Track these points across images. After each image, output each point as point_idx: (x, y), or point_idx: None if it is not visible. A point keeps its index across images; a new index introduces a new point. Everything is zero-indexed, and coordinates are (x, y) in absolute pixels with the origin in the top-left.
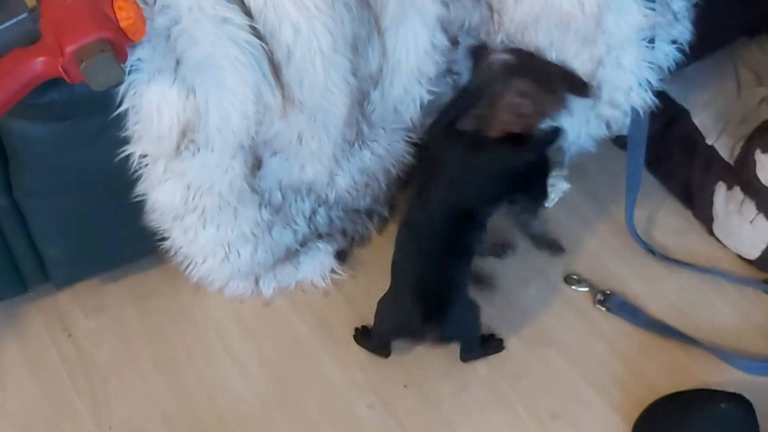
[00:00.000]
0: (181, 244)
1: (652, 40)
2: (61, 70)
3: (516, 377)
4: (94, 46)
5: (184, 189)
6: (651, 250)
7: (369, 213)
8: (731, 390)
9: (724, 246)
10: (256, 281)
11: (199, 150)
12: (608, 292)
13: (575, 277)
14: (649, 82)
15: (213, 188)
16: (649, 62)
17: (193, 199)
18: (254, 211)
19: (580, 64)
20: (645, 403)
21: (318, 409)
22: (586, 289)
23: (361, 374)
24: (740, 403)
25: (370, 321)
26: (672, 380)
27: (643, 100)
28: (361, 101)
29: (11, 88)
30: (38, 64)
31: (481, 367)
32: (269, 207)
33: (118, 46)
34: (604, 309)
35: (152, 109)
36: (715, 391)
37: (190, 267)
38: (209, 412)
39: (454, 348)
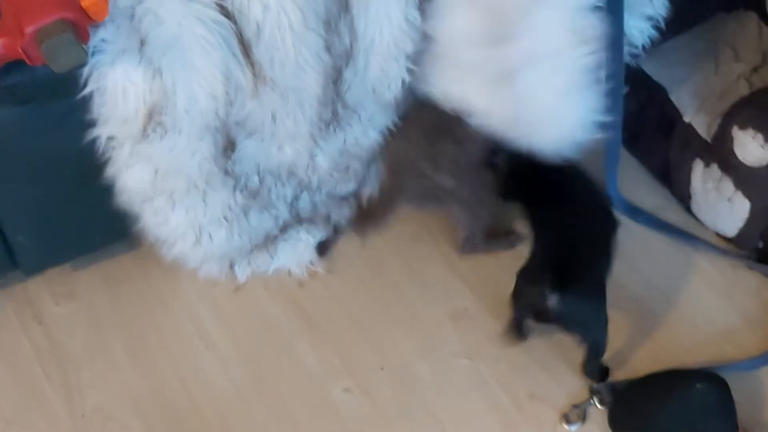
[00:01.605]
0: (152, 227)
1: None
2: (21, 51)
3: (495, 359)
4: (54, 27)
5: (152, 173)
6: (635, 211)
7: (356, 198)
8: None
9: (702, 224)
10: (231, 266)
11: (166, 133)
12: None
13: None
14: None
15: (181, 171)
16: None
17: (162, 181)
18: (227, 194)
19: None
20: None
21: (294, 394)
22: None
23: (338, 359)
24: (716, 382)
25: (348, 307)
26: (650, 360)
27: None
28: (335, 80)
29: None
30: None
31: (459, 348)
32: (245, 191)
33: (79, 26)
34: None
35: (117, 91)
36: (691, 370)
37: (162, 248)
38: (183, 400)
39: (431, 332)
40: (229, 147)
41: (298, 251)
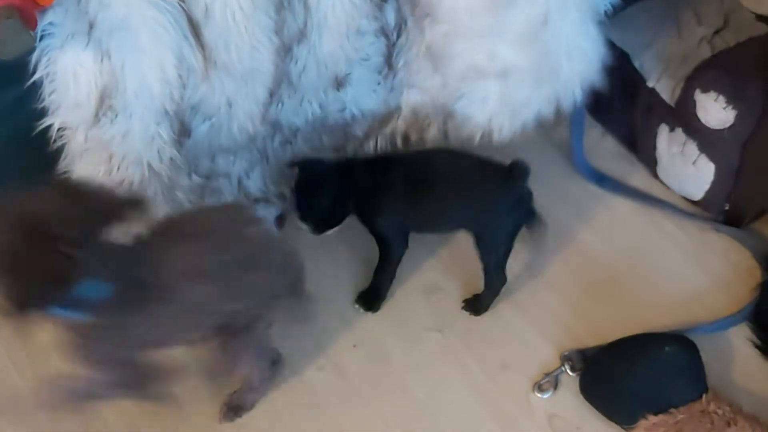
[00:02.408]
0: None
1: None
2: None
3: (466, 331)
4: (0, 13)
5: (107, 160)
6: (602, 178)
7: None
8: (677, 332)
9: (669, 188)
10: None
11: (117, 116)
12: None
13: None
14: None
15: (140, 159)
16: None
17: (118, 170)
18: (186, 178)
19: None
20: None
21: None
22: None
23: (309, 338)
24: (685, 345)
25: (316, 280)
26: (620, 325)
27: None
28: (286, 59)
29: None
30: None
31: (430, 322)
32: (198, 173)
33: (25, 12)
34: None
35: (68, 75)
36: (660, 334)
37: None
38: None
39: (402, 307)
40: (184, 133)
41: None
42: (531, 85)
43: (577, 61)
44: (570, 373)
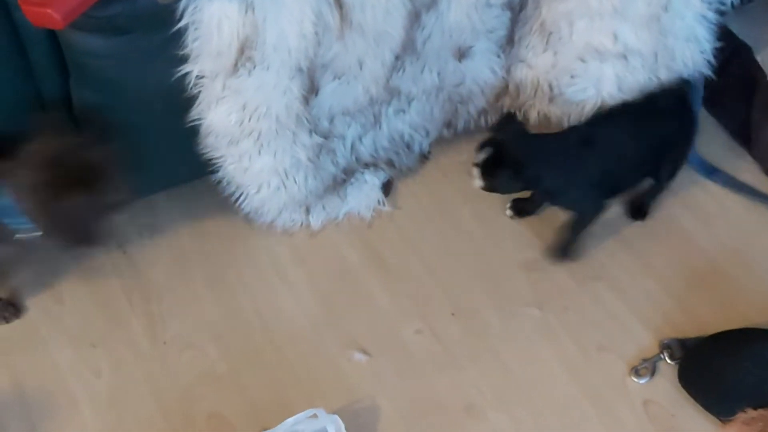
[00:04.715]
0: (234, 174)
1: None
2: None
3: (564, 309)
4: None
5: (240, 109)
6: (712, 171)
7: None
8: None
9: None
10: (307, 211)
11: (255, 67)
12: None
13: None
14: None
15: (270, 111)
16: None
17: (249, 121)
18: (307, 136)
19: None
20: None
21: (366, 332)
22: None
23: (410, 301)
24: None
25: (420, 248)
26: (721, 318)
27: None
28: (414, 25)
29: None
30: None
31: (529, 298)
32: (318, 133)
33: None
34: None
35: (212, 24)
36: (762, 330)
37: (242, 198)
38: (260, 332)
39: (503, 282)
40: (312, 90)
41: (365, 193)
42: (648, 69)
43: (694, 49)
44: (669, 361)
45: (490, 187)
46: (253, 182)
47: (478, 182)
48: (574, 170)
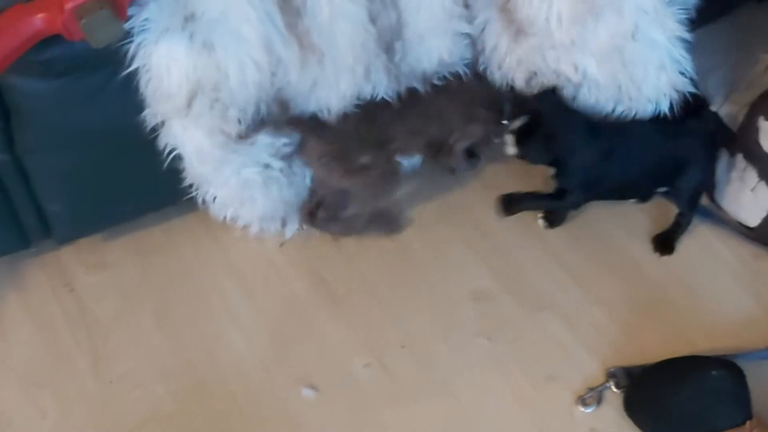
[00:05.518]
0: (215, 187)
1: None
2: (61, 26)
3: (513, 339)
4: (93, 4)
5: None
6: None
7: None
8: (724, 357)
9: (726, 213)
10: (283, 223)
11: (228, 109)
12: None
13: None
14: None
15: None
16: None
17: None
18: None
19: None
20: None
21: (315, 367)
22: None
23: (360, 334)
24: (731, 370)
25: (370, 284)
26: (668, 345)
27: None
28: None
29: (11, 44)
30: (38, 21)
31: (479, 328)
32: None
33: (117, 3)
34: None
35: (161, 68)
36: (707, 357)
37: (219, 209)
38: (209, 369)
39: (452, 312)
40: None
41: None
42: (607, 97)
43: (662, 76)
44: (615, 390)
45: (521, 155)
46: (235, 194)
47: (512, 149)
48: (594, 160)
